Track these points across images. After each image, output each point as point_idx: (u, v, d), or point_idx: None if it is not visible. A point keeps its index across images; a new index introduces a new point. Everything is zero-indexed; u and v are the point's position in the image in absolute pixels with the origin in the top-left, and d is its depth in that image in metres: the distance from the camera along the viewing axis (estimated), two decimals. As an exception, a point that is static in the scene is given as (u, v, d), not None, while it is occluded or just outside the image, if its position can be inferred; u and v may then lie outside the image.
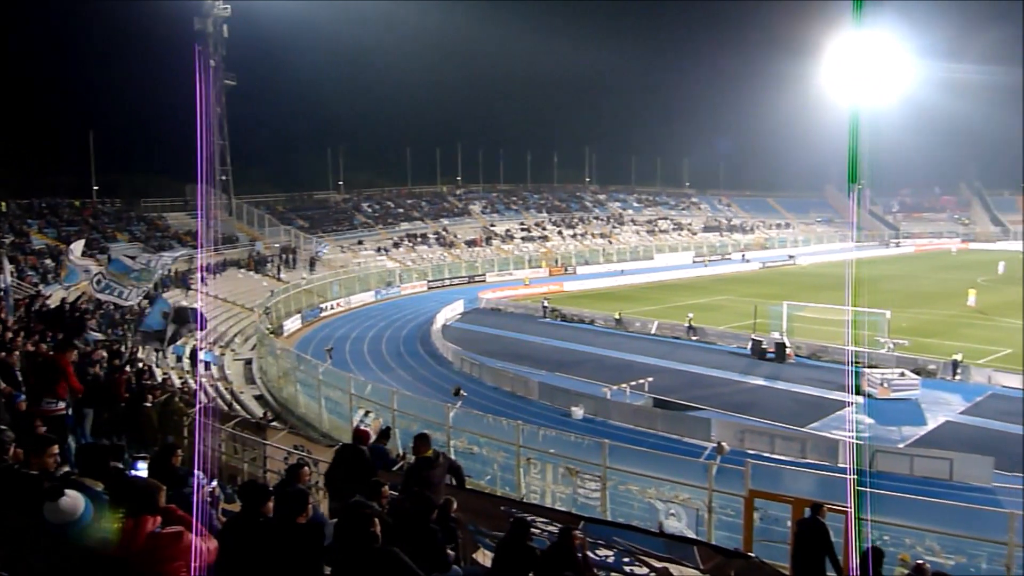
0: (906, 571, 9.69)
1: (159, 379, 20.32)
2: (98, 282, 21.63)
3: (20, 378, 10.78)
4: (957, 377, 29.25)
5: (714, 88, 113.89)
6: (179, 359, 30.23)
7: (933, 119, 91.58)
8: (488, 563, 8.15)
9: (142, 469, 5.64)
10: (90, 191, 60.70)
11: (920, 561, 8.51)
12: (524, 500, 13.96)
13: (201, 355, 31.45)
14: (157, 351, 26.94)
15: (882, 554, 7.87)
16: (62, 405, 9.68)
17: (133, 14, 66.13)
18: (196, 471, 7.04)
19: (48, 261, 38.59)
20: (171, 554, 3.99)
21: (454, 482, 9.70)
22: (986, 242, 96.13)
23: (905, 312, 40.24)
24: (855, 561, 7.15)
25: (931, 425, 24.25)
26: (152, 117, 69.00)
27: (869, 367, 29.13)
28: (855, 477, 15.28)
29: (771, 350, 33.29)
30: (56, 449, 5.22)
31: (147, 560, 3.94)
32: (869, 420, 24.93)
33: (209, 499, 5.03)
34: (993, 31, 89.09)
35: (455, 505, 7.92)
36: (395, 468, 10.62)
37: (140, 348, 22.72)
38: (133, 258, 23.30)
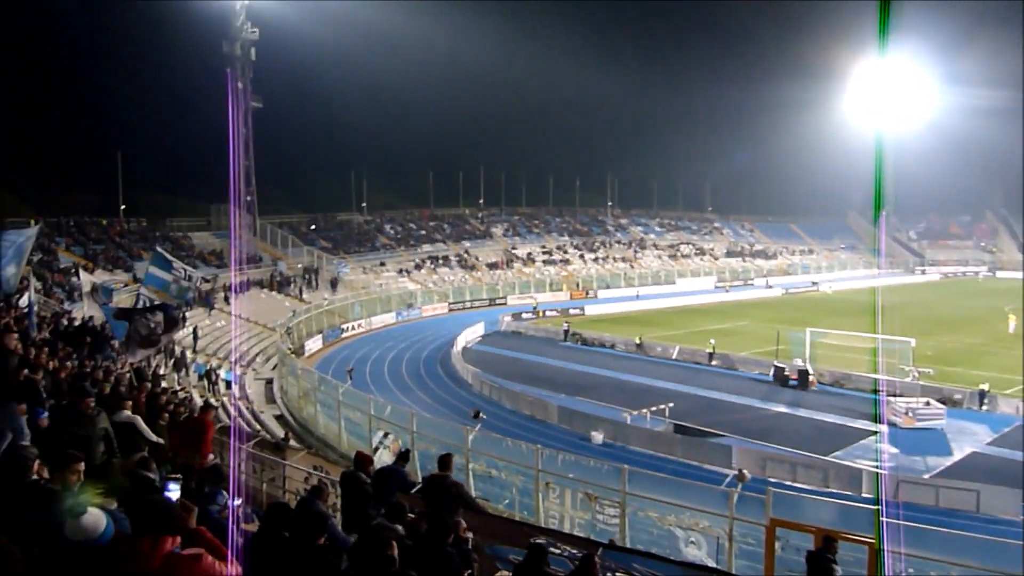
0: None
1: (180, 397, 20.44)
2: (138, 300, 21.94)
3: (44, 395, 10.89)
4: (984, 407, 28.80)
5: (738, 113, 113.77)
6: (200, 378, 30.50)
7: (959, 146, 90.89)
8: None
9: (174, 491, 5.65)
10: (117, 210, 61.56)
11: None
12: (542, 525, 13.87)
13: (222, 374, 31.70)
14: (175, 363, 27.09)
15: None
16: (212, 458, 10.64)
17: (162, 36, 67.50)
18: (222, 492, 7.08)
19: (74, 279, 39.08)
20: None
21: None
22: (1013, 270, 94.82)
23: (930, 340, 39.77)
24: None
25: (957, 456, 23.85)
26: (177, 138, 70.03)
27: (893, 396, 28.75)
28: (879, 508, 15.05)
29: (794, 377, 32.97)
30: (81, 467, 5.27)
31: None
32: (894, 449, 24.58)
33: (236, 519, 5.01)
34: (1019, 57, 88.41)
35: (463, 526, 7.87)
36: (414, 491, 10.59)
37: (137, 359, 22.75)
38: (169, 263, 23.40)
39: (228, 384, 30.57)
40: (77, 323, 22.71)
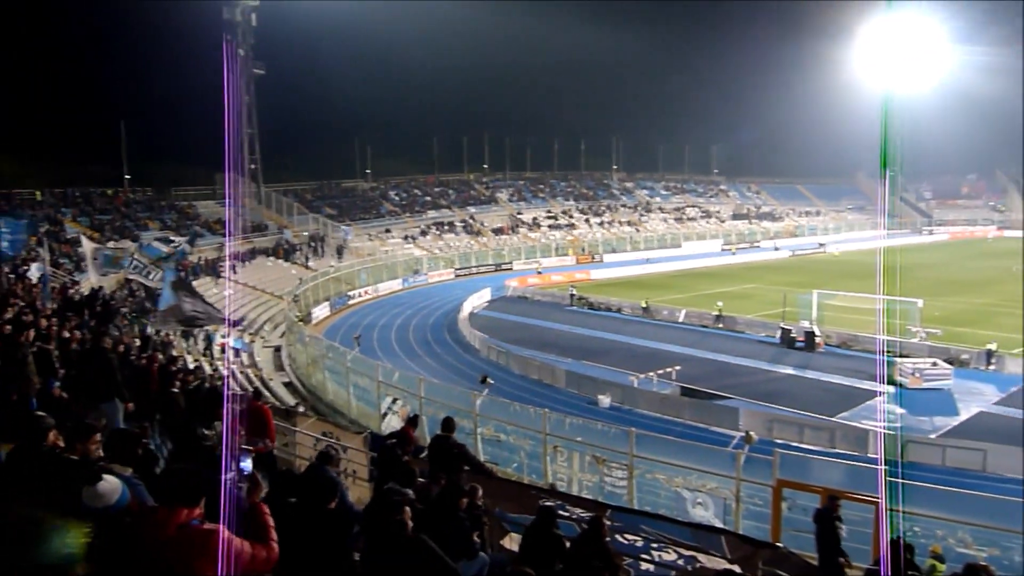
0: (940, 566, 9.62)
1: (190, 366, 20.59)
2: (131, 265, 22.25)
3: (57, 366, 11.00)
4: (991, 367, 28.80)
5: (743, 74, 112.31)
6: (209, 346, 30.66)
7: (967, 104, 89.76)
8: (516, 548, 8.20)
9: (248, 461, 5.61)
10: (122, 180, 61.53)
11: (984, 563, 8.24)
12: (551, 488, 13.99)
13: (231, 342, 31.87)
14: (183, 332, 27.38)
15: (911, 548, 7.79)
16: (269, 443, 11.02)
17: (163, 3, 66.75)
18: (230, 459, 7.13)
19: (81, 249, 39.18)
20: (200, 551, 3.82)
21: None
22: (1022, 229, 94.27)
23: (938, 301, 39.64)
24: (887, 553, 7.07)
25: (964, 415, 23.92)
26: (181, 106, 69.53)
27: (901, 356, 28.76)
28: (886, 468, 15.13)
29: (800, 339, 32.99)
30: (99, 437, 5.32)
31: (174, 552, 3.81)
32: (900, 410, 24.66)
33: (246, 484, 4.96)
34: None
35: (480, 493, 7.94)
36: (421, 456, 10.72)
37: (165, 331, 23.07)
38: (170, 243, 23.90)
39: (236, 352, 30.75)
40: (86, 293, 22.83)
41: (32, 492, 4.36)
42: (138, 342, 18.02)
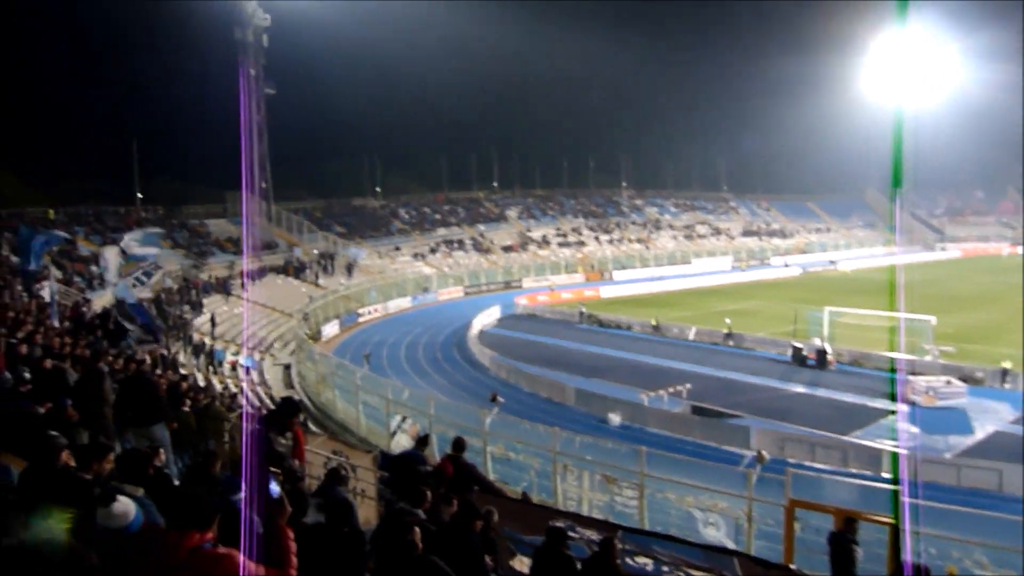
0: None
1: (201, 384, 20.64)
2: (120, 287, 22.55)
3: (71, 384, 11.03)
4: (1006, 385, 28.55)
5: (752, 90, 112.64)
6: (220, 364, 30.76)
7: (979, 121, 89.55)
8: (526, 571, 8.14)
9: (276, 485, 5.56)
10: (134, 198, 62.00)
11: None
12: (561, 508, 13.91)
13: (241, 360, 31.97)
14: (193, 349, 27.42)
15: (927, 570, 7.69)
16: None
17: (174, 24, 67.57)
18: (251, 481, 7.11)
19: (94, 267, 39.42)
20: (211, 575, 3.77)
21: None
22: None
23: (951, 318, 39.35)
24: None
25: (979, 435, 23.68)
26: (192, 126, 70.24)
27: (914, 374, 28.54)
28: (901, 488, 14.98)
29: (812, 356, 32.78)
30: (112, 456, 5.34)
31: None
32: (914, 429, 24.43)
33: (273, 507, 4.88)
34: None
35: (496, 517, 7.87)
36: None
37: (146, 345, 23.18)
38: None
39: (247, 370, 30.82)
40: (98, 311, 22.95)
41: (45, 512, 4.36)
42: (148, 360, 18.07)
